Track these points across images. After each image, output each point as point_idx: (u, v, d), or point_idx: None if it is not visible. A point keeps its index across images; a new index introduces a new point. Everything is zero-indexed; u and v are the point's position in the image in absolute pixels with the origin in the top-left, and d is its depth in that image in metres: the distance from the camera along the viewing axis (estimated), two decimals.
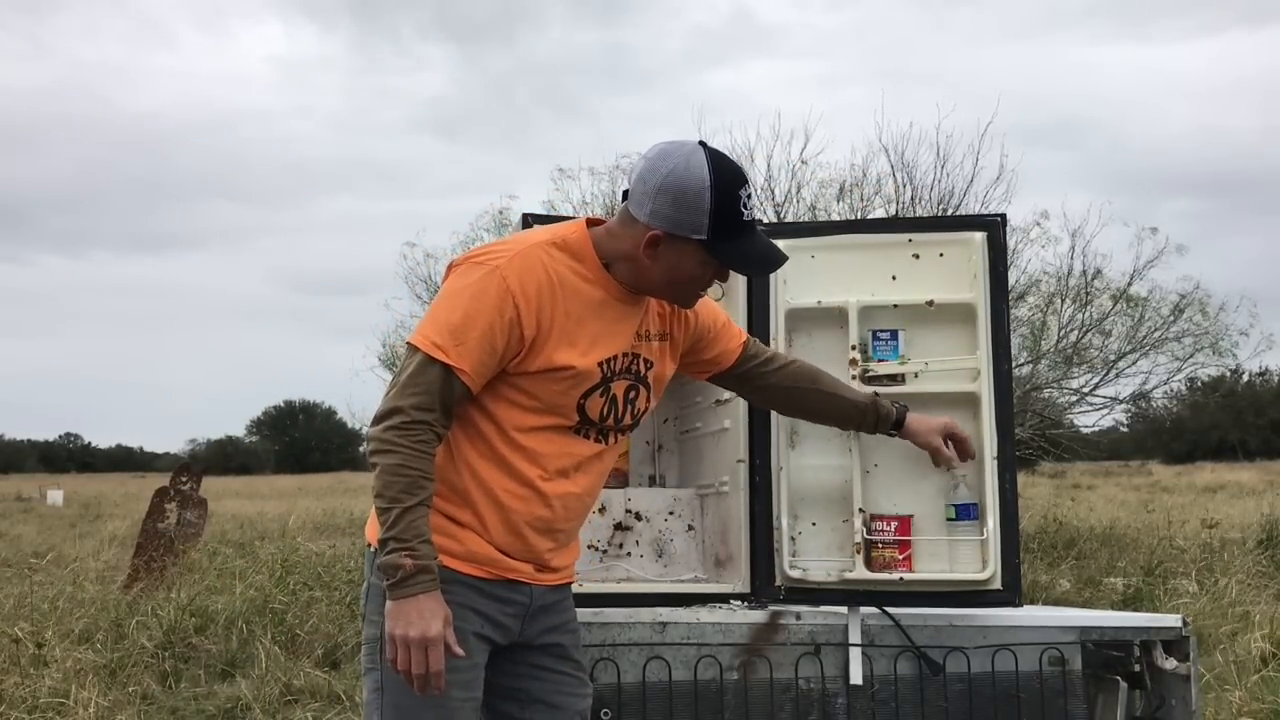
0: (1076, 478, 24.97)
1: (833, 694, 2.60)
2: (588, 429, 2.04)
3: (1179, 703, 2.69)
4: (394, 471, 1.84)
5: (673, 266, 1.97)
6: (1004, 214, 2.78)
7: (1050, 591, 7.41)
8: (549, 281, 1.94)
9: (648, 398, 2.11)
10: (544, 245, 1.98)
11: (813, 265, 2.75)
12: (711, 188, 1.91)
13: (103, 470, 77.74)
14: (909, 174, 10.58)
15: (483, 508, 1.98)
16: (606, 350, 2.01)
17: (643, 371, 2.09)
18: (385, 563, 1.83)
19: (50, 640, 5.45)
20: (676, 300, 2.09)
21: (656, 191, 1.92)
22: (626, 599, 2.64)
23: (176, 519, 8.40)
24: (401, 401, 1.88)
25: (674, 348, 2.17)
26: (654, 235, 1.94)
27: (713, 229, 1.92)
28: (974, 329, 2.67)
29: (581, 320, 1.98)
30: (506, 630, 2.03)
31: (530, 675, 2.08)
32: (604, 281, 2.01)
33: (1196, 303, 11.69)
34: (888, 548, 2.63)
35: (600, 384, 2.01)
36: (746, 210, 1.96)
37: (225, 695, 5.01)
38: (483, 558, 1.98)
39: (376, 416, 1.90)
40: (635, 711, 2.52)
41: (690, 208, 1.91)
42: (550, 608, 2.10)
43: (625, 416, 2.08)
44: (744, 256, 1.99)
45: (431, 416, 1.88)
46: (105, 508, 20.18)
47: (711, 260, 1.97)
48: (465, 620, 1.94)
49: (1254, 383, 46.74)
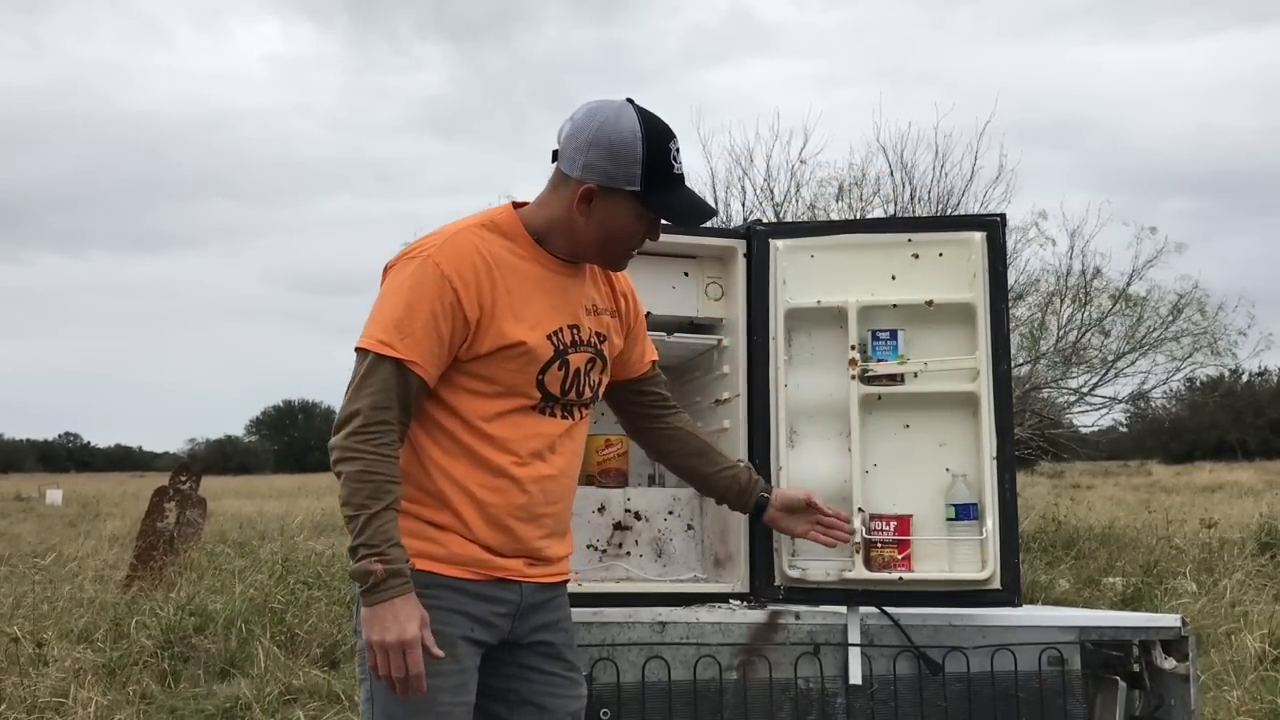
0: (1076, 478, 24.96)
1: (832, 694, 2.60)
2: (552, 405, 2.02)
3: (1178, 702, 2.69)
4: (358, 478, 1.82)
5: (605, 222, 1.97)
6: (1003, 214, 2.78)
7: (1049, 591, 7.41)
8: (484, 262, 1.94)
9: (603, 370, 2.11)
10: (473, 228, 1.98)
11: (812, 265, 2.75)
12: (643, 139, 1.92)
13: (102, 470, 77.75)
14: (908, 174, 10.60)
15: (460, 506, 1.96)
16: (553, 323, 2.00)
17: (599, 344, 2.09)
18: (356, 570, 1.82)
19: (50, 640, 5.46)
20: (608, 261, 2.07)
21: (589, 146, 1.92)
22: (626, 599, 2.64)
23: (176, 518, 8.40)
24: (358, 405, 1.86)
25: (621, 325, 2.17)
26: (587, 189, 1.94)
27: (645, 180, 1.92)
28: (973, 329, 2.67)
29: (524, 296, 1.97)
30: (496, 630, 2.01)
31: (520, 676, 2.06)
32: (539, 256, 2.00)
33: (1195, 302, 11.71)
34: (887, 547, 2.63)
35: (555, 357, 2.00)
36: (677, 163, 1.96)
37: (224, 695, 5.01)
38: (467, 559, 1.97)
39: (336, 425, 1.88)
40: (634, 711, 2.52)
41: (623, 160, 1.92)
42: (541, 606, 2.08)
43: (585, 390, 2.07)
44: (675, 207, 1.98)
45: (390, 414, 1.86)
46: (104, 507, 20.16)
47: (644, 213, 1.97)
48: (453, 624, 1.93)
49: (1253, 383, 46.77)
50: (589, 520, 2.98)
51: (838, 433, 2.72)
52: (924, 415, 2.71)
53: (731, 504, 2.36)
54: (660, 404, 2.31)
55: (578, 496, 2.97)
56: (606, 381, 2.15)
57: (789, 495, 2.36)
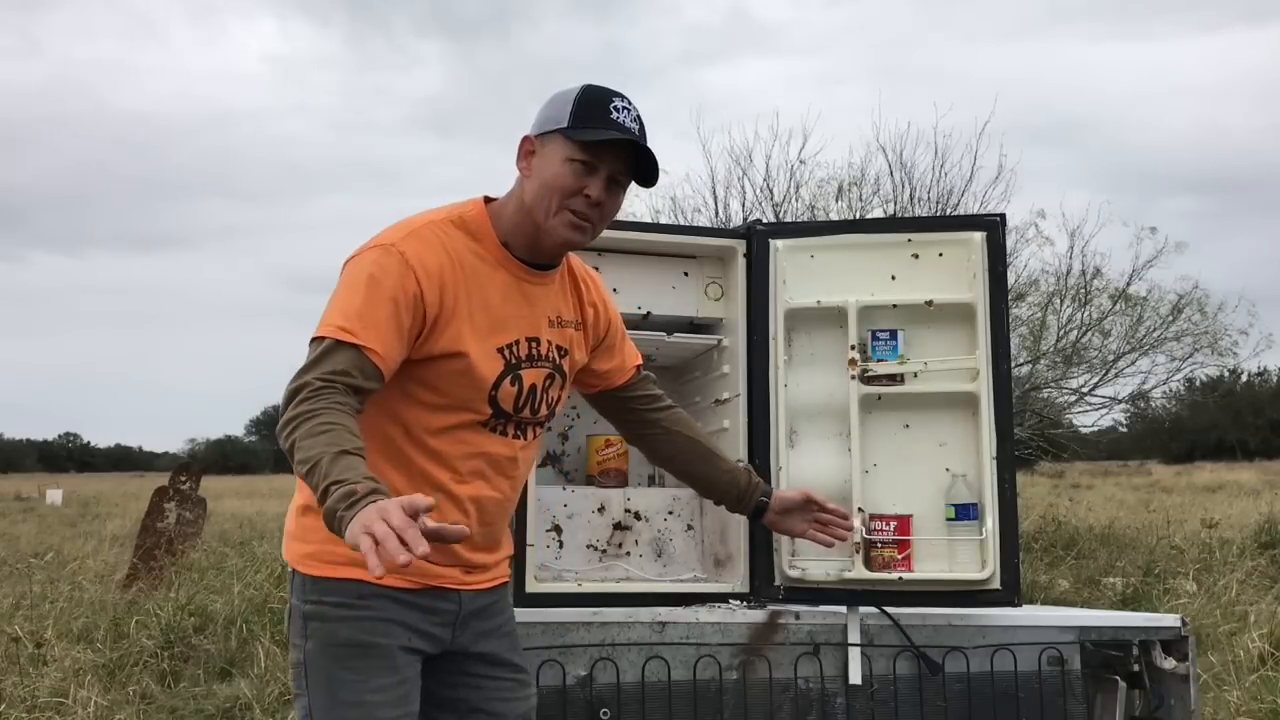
0: (1075, 477, 24.95)
1: (832, 694, 2.60)
2: (504, 423, 1.91)
3: (1178, 702, 2.69)
4: (312, 432, 1.59)
5: (539, 175, 1.85)
6: (1003, 214, 2.78)
7: (1049, 591, 7.41)
8: (449, 260, 1.84)
9: (563, 386, 2.01)
10: (440, 223, 1.87)
11: (812, 265, 2.76)
12: (581, 88, 1.86)
13: (102, 470, 77.79)
14: (907, 173, 10.60)
15: None
16: (509, 335, 1.89)
17: (558, 359, 1.97)
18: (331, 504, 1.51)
19: (50, 639, 5.45)
20: (551, 225, 1.86)
21: (537, 112, 1.89)
22: (626, 599, 2.64)
23: (175, 518, 8.40)
24: (306, 377, 1.68)
25: (587, 338, 2.06)
26: (525, 140, 1.87)
27: (573, 115, 1.83)
28: (973, 329, 2.67)
29: (483, 303, 1.86)
30: (436, 640, 1.92)
31: (466, 684, 1.98)
32: (504, 261, 1.89)
33: (1195, 302, 11.70)
34: (887, 547, 2.63)
35: (507, 371, 1.88)
36: (616, 113, 1.84)
37: (224, 695, 5.01)
38: None
39: (283, 401, 1.68)
40: (634, 711, 2.52)
41: (557, 105, 1.86)
42: (482, 612, 1.98)
43: (541, 408, 1.96)
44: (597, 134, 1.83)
45: (342, 380, 1.68)
46: (104, 507, 20.16)
47: (573, 152, 1.82)
48: (390, 635, 1.84)
49: (1253, 383, 46.79)
50: (589, 520, 2.98)
51: (837, 433, 2.72)
52: (924, 415, 2.71)
53: (730, 506, 2.29)
54: (653, 406, 2.21)
55: (578, 496, 2.99)
56: (565, 398, 2.04)
57: (787, 496, 2.27)
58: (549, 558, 2.93)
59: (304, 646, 1.85)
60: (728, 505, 2.29)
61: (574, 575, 2.87)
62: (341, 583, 1.82)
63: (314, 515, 1.81)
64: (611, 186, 1.87)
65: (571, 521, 2.97)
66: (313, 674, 1.83)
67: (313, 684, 1.83)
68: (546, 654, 2.48)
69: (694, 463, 2.24)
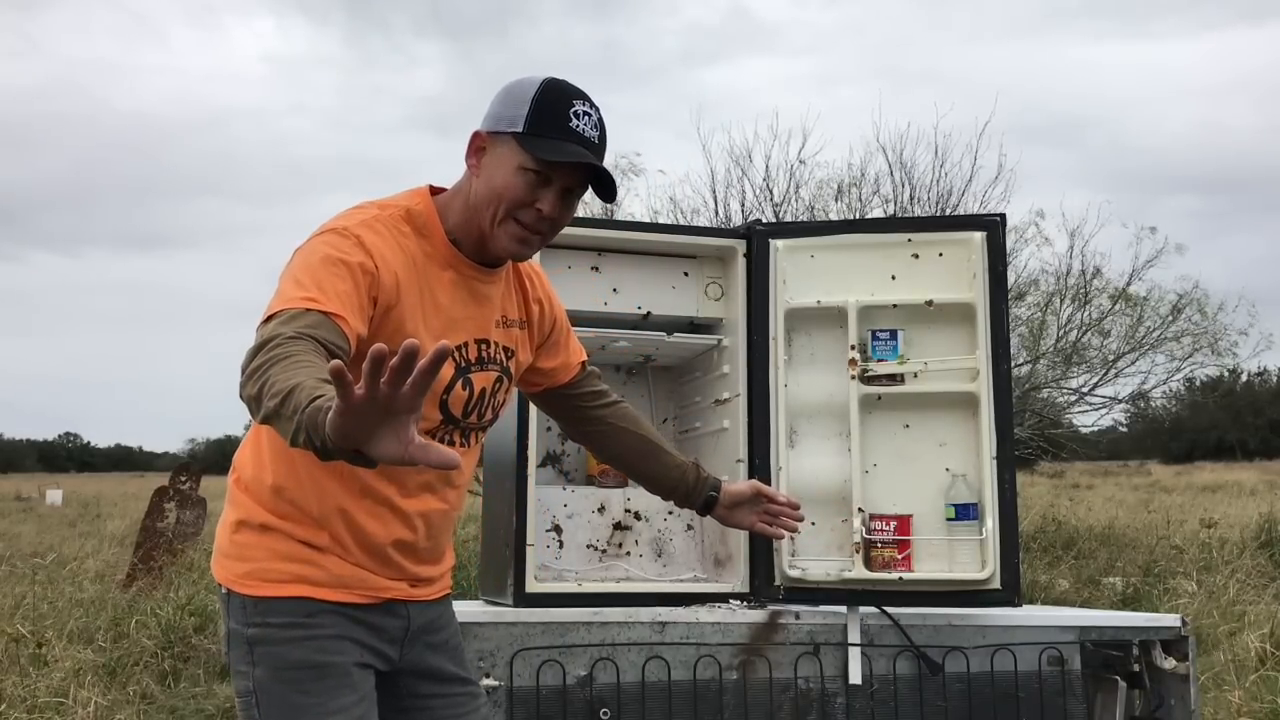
0: (1075, 477, 24.94)
1: (832, 693, 2.60)
2: (450, 430, 1.82)
3: (1178, 702, 2.69)
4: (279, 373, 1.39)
5: (489, 176, 1.73)
6: (1003, 214, 2.78)
7: (1049, 591, 7.41)
8: (402, 255, 1.73)
9: (508, 389, 1.93)
10: (390, 219, 1.75)
11: (812, 265, 2.76)
12: (540, 86, 1.72)
13: (102, 470, 77.81)
14: (907, 173, 10.59)
15: (340, 530, 1.75)
16: (459, 337, 1.79)
17: (505, 361, 1.88)
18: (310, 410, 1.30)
19: (50, 639, 5.46)
20: (498, 234, 1.75)
21: (491, 101, 1.76)
22: (626, 599, 2.64)
23: (175, 518, 8.40)
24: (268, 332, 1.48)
25: (532, 337, 1.97)
26: (476, 135, 1.75)
27: (529, 120, 1.70)
28: (973, 329, 2.67)
29: (435, 305, 1.76)
30: (385, 658, 1.84)
31: (417, 707, 1.89)
32: (451, 259, 1.78)
33: (1195, 302, 11.70)
34: (887, 547, 2.63)
35: (457, 375, 1.79)
36: (576, 120, 1.73)
37: (225, 695, 5.00)
38: (351, 580, 1.77)
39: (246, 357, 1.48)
40: (634, 711, 2.52)
41: (513, 102, 1.72)
42: (429, 626, 1.90)
43: (488, 412, 1.86)
44: (555, 149, 1.71)
45: (321, 338, 1.50)
46: (104, 507, 20.14)
47: (525, 160, 1.70)
48: (344, 653, 1.74)
49: (1253, 383, 46.81)
50: (589, 520, 2.98)
51: (838, 433, 2.72)
52: (924, 415, 2.71)
53: (679, 502, 2.17)
54: (598, 403, 2.11)
55: (578, 496, 2.99)
56: (511, 400, 1.97)
57: (735, 489, 2.16)
58: (549, 558, 2.93)
59: (251, 674, 1.73)
60: (676, 501, 2.18)
61: (574, 575, 2.87)
62: (286, 601, 1.71)
63: (250, 531, 1.75)
64: (566, 198, 1.76)
65: (571, 521, 2.97)
66: (266, 702, 1.72)
67: (267, 713, 1.71)
68: (546, 654, 2.48)
69: (642, 459, 2.14)
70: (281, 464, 1.74)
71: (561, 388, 2.08)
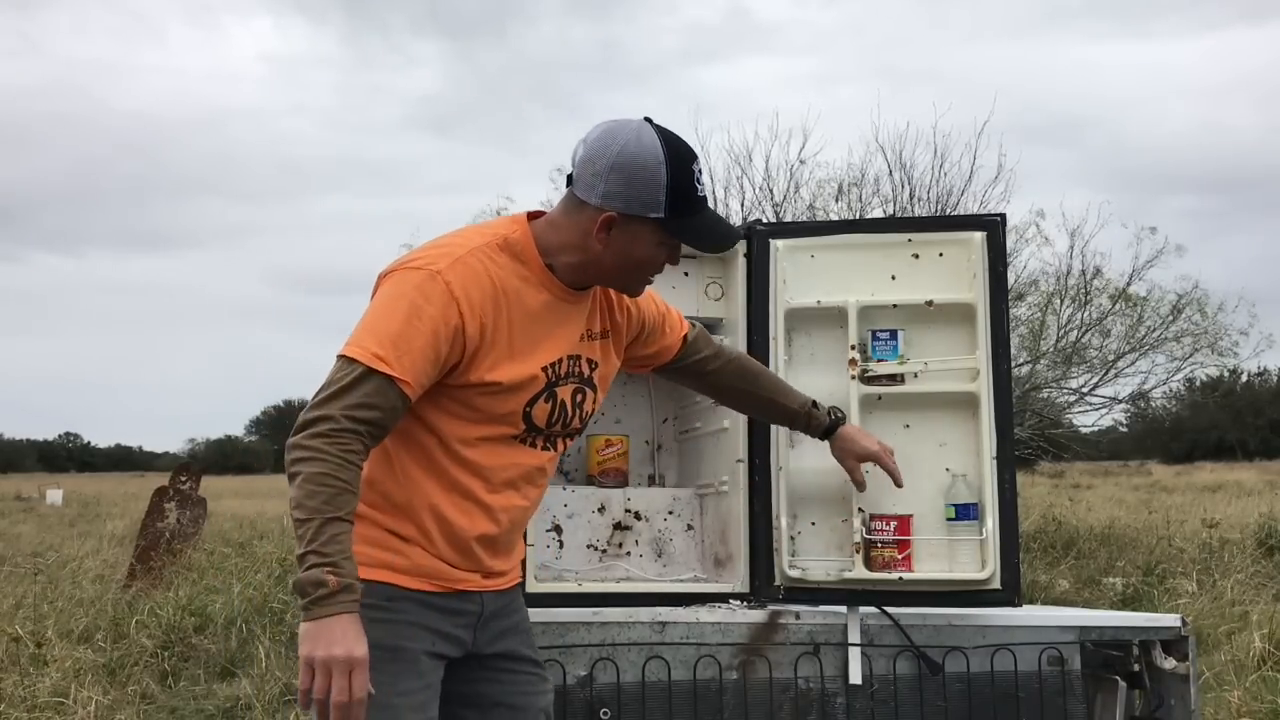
0: (1076, 477, 24.93)
1: (832, 693, 2.60)
2: (534, 436, 1.94)
3: (1178, 702, 2.69)
4: (318, 480, 1.68)
5: (625, 250, 1.86)
6: (1003, 214, 2.78)
7: (1049, 591, 7.41)
8: (493, 290, 1.84)
9: (594, 399, 2.03)
10: (485, 249, 1.86)
11: (812, 265, 2.76)
12: (666, 163, 1.82)
13: (102, 470, 77.80)
14: (907, 173, 10.61)
15: (426, 521, 1.88)
16: (550, 355, 1.92)
17: (588, 373, 1.99)
18: (305, 579, 1.66)
19: (50, 639, 5.46)
20: (626, 288, 1.98)
21: (609, 171, 1.82)
22: (626, 599, 2.64)
23: (176, 518, 8.41)
24: (331, 410, 1.71)
25: (618, 343, 2.08)
26: (607, 218, 1.83)
27: (670, 205, 1.83)
28: (973, 329, 2.67)
29: (525, 329, 1.88)
30: (459, 643, 1.95)
31: (487, 680, 2.01)
32: (548, 283, 1.90)
33: (1195, 302, 11.72)
34: (887, 547, 2.63)
35: (544, 389, 1.91)
36: (700, 186, 1.87)
37: (225, 695, 5.01)
38: (430, 571, 1.89)
39: (300, 424, 1.73)
40: (634, 711, 2.52)
41: (645, 186, 1.82)
42: (500, 613, 2.02)
43: (574, 420, 1.98)
44: (701, 232, 1.90)
45: (365, 429, 1.73)
46: (104, 507, 20.14)
47: (667, 239, 1.87)
48: (416, 640, 1.87)
49: (1253, 383, 46.78)
50: (589, 520, 2.98)
51: None
52: (924, 415, 2.71)
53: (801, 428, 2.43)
54: (708, 367, 2.28)
55: (578, 496, 2.99)
56: (598, 407, 2.07)
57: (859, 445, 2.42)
58: (549, 558, 2.93)
59: None
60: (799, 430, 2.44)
61: (574, 575, 2.87)
62: (371, 585, 1.80)
63: None
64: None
65: (572, 521, 2.97)
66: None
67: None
68: (546, 654, 2.48)
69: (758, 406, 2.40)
70: (378, 459, 1.86)
71: (669, 363, 2.25)
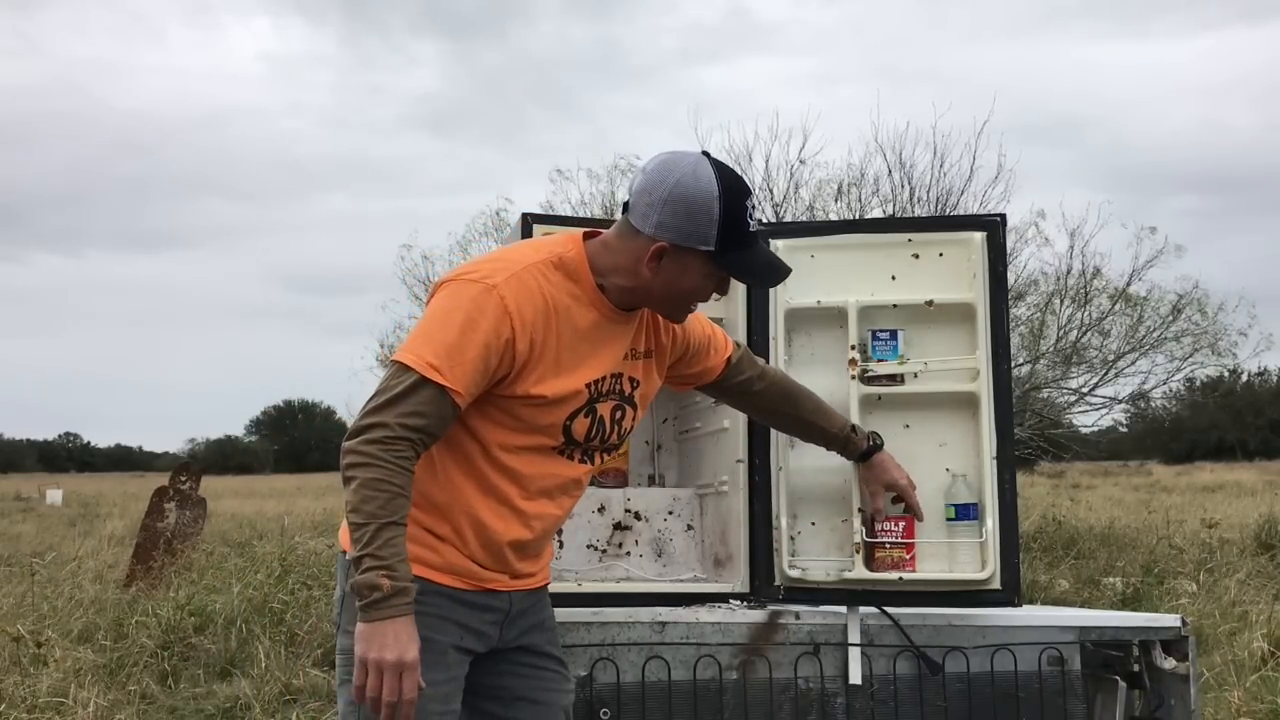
0: (1076, 478, 24.95)
1: (832, 694, 2.60)
2: (572, 449, 2.01)
3: (1178, 702, 2.69)
4: (373, 486, 1.76)
5: (673, 280, 1.94)
6: (1003, 214, 2.78)
7: (1049, 591, 7.41)
8: (545, 306, 1.90)
9: (634, 416, 2.09)
10: (541, 266, 1.93)
11: (812, 265, 2.75)
12: (720, 198, 1.88)
13: (102, 470, 77.84)
14: (906, 173, 10.60)
15: (462, 524, 1.95)
16: (594, 372, 1.98)
17: (629, 391, 2.06)
18: (361, 581, 1.75)
19: (50, 639, 5.46)
20: (671, 314, 2.06)
21: (663, 203, 1.88)
22: (626, 599, 2.64)
23: (175, 518, 8.41)
24: (386, 417, 1.79)
25: (660, 363, 2.15)
26: (659, 247, 1.90)
27: (721, 240, 1.89)
28: (973, 329, 2.67)
29: (572, 345, 1.95)
30: (486, 638, 2.01)
31: (512, 673, 2.07)
32: (597, 302, 1.97)
33: (1195, 302, 11.71)
34: (895, 548, 2.62)
35: (585, 405, 1.98)
36: (751, 221, 1.93)
37: (225, 695, 5.01)
38: (461, 570, 1.96)
39: (355, 429, 1.81)
40: (634, 711, 2.52)
41: (699, 219, 1.88)
42: (527, 610, 2.08)
43: (612, 436, 2.05)
44: (750, 267, 1.97)
45: (417, 436, 1.81)
46: (104, 507, 20.13)
47: (716, 272, 1.94)
48: (444, 633, 1.92)
49: (1253, 383, 46.82)
50: (589, 520, 2.98)
51: None
52: (924, 415, 2.71)
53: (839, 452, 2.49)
54: (752, 388, 2.33)
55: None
56: (637, 424, 2.14)
57: (889, 475, 2.48)
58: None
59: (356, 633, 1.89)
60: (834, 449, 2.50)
61: (574, 575, 2.87)
62: None
63: None
64: None
65: (571, 521, 2.97)
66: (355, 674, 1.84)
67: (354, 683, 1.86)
68: None
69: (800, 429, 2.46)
70: (421, 460, 1.89)
71: (713, 383, 2.31)
